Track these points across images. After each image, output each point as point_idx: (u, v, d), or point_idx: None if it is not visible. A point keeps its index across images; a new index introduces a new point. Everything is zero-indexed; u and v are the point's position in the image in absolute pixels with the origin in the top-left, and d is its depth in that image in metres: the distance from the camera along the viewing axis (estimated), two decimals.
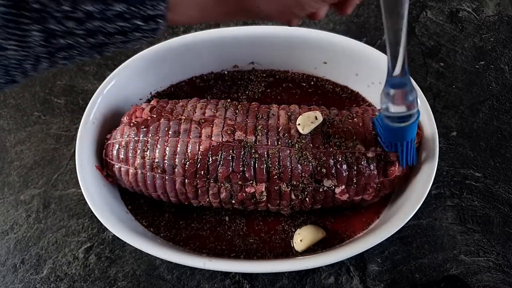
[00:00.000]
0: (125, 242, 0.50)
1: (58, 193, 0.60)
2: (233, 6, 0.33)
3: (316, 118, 0.49)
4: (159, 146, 0.49)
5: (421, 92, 0.52)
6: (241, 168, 0.48)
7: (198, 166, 0.48)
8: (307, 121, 0.49)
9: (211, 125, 0.50)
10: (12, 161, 0.63)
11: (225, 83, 0.63)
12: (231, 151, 0.48)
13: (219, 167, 0.48)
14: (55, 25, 0.26)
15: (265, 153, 0.48)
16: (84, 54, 0.30)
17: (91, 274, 0.56)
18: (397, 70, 0.41)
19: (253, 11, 0.33)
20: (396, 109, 0.44)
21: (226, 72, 0.63)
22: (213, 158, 0.48)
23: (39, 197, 0.60)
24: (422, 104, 0.52)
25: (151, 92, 0.61)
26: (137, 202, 0.57)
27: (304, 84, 0.62)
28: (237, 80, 0.63)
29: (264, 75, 0.63)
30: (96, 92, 0.55)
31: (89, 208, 0.50)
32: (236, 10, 0.33)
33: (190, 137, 0.49)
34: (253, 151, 0.48)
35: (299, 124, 0.49)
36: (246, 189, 0.49)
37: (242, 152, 0.48)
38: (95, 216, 0.50)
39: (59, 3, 0.25)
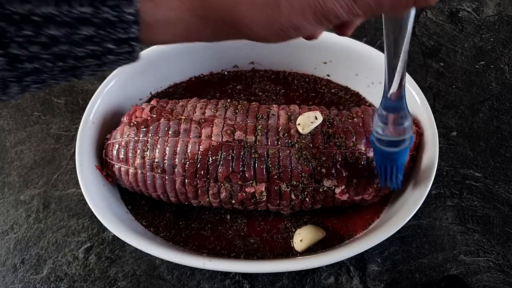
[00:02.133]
0: (125, 242, 0.50)
1: (58, 193, 0.60)
2: (221, 26, 0.30)
3: (316, 118, 0.49)
4: (159, 146, 0.49)
5: (421, 92, 0.52)
6: (241, 168, 0.48)
7: (198, 166, 0.48)
8: (307, 121, 0.49)
9: (211, 125, 0.50)
10: (12, 161, 0.63)
11: (225, 83, 0.63)
12: (231, 151, 0.48)
13: (219, 167, 0.48)
14: (17, 50, 0.24)
15: (265, 153, 0.48)
16: (57, 78, 0.27)
17: (91, 274, 0.56)
18: (392, 90, 0.39)
19: (245, 32, 0.31)
20: (388, 133, 0.42)
21: (226, 72, 0.63)
22: (213, 158, 0.48)
23: (39, 197, 0.60)
24: (422, 104, 0.52)
25: (151, 92, 0.61)
26: (137, 202, 0.57)
27: (304, 84, 0.62)
28: (237, 80, 0.63)
29: (264, 75, 0.63)
30: (96, 92, 0.55)
31: (89, 208, 0.50)
32: (225, 31, 0.31)
33: (190, 137, 0.49)
34: (253, 151, 0.48)
35: (299, 124, 0.49)
36: (246, 189, 0.49)
37: (242, 152, 0.48)
38: (95, 216, 0.50)
39: (19, 27, 0.24)
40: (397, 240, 0.56)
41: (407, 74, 0.53)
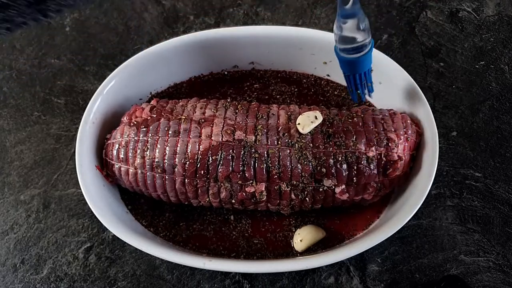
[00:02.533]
0: (125, 242, 0.50)
1: (58, 193, 0.60)
2: None
3: (316, 118, 0.49)
4: (159, 146, 0.49)
5: (421, 92, 0.52)
6: (241, 168, 0.48)
7: (198, 165, 0.48)
8: (307, 120, 0.49)
9: (211, 125, 0.50)
10: (12, 161, 0.63)
11: (225, 83, 0.63)
12: (231, 150, 0.48)
13: (219, 166, 0.48)
14: None
15: (265, 152, 0.48)
16: (24, 14, 0.27)
17: (91, 274, 0.56)
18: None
19: None
20: (350, 39, 0.44)
21: (226, 72, 0.63)
22: (213, 157, 0.48)
23: (39, 197, 0.60)
24: (422, 104, 0.52)
25: (151, 92, 0.61)
26: (137, 202, 0.57)
27: (304, 84, 0.62)
28: (237, 80, 0.63)
29: (264, 75, 0.63)
30: (96, 92, 0.55)
31: (89, 208, 0.50)
32: None
33: (190, 136, 0.49)
34: (253, 150, 0.48)
35: (299, 124, 0.49)
36: (246, 189, 0.49)
37: (242, 152, 0.48)
38: (95, 216, 0.50)
39: None
40: (397, 240, 0.56)
41: (407, 74, 0.53)
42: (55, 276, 0.56)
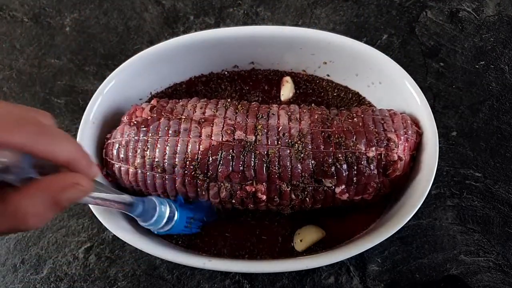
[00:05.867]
0: (125, 242, 0.50)
1: None
2: None
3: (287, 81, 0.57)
4: (159, 146, 0.49)
5: (421, 92, 0.52)
6: (241, 168, 0.48)
7: (198, 165, 0.48)
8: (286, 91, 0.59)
9: (211, 125, 0.50)
10: None
11: (225, 83, 0.63)
12: (231, 150, 0.48)
13: (219, 166, 0.48)
14: None
15: (265, 152, 0.48)
16: None
17: (91, 274, 0.56)
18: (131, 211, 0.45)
19: None
20: (151, 223, 0.47)
21: (226, 72, 0.63)
22: (213, 157, 0.48)
23: None
24: (422, 104, 0.52)
25: (151, 92, 0.61)
26: None
27: (304, 84, 0.62)
28: (237, 80, 0.63)
29: (264, 75, 0.63)
30: (96, 92, 0.55)
31: (89, 208, 0.50)
32: None
33: (190, 136, 0.49)
34: (253, 150, 0.48)
35: (282, 95, 0.58)
36: (246, 189, 0.49)
37: (242, 152, 0.48)
38: (95, 216, 0.50)
39: None
40: (397, 240, 0.56)
41: (407, 74, 0.53)
42: (55, 276, 0.56)
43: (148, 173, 0.50)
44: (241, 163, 0.48)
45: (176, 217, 0.49)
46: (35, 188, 0.28)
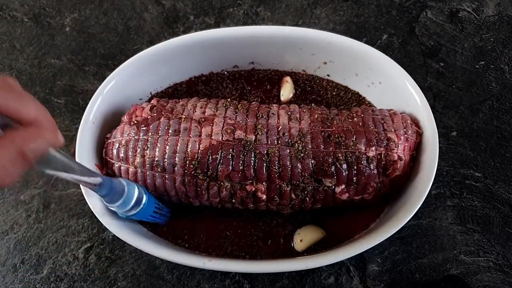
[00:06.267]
0: (125, 242, 0.50)
1: (58, 193, 0.60)
2: None
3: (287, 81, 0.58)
4: (159, 145, 0.49)
5: (421, 92, 0.52)
6: (241, 167, 0.48)
7: (198, 165, 0.48)
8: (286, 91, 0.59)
9: (211, 124, 0.50)
10: None
11: (225, 83, 0.63)
12: (231, 150, 0.48)
13: (219, 166, 0.48)
14: None
15: (265, 152, 0.48)
16: None
17: (91, 274, 0.56)
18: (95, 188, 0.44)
19: None
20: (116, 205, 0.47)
21: (226, 72, 0.63)
22: (213, 157, 0.48)
23: (39, 197, 0.60)
24: (422, 104, 0.52)
25: (151, 92, 0.61)
26: None
27: (304, 84, 0.62)
28: (237, 80, 0.63)
29: (264, 75, 0.63)
30: (96, 92, 0.55)
31: (89, 208, 0.50)
32: None
33: (190, 136, 0.49)
34: (253, 150, 0.48)
35: (282, 95, 0.58)
36: (246, 188, 0.49)
37: (242, 151, 0.48)
38: (95, 216, 0.50)
39: None
40: (397, 240, 0.56)
41: (407, 74, 0.53)
42: (55, 276, 0.56)
43: (148, 173, 0.50)
44: (241, 162, 0.48)
45: (144, 201, 0.48)
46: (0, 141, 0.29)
